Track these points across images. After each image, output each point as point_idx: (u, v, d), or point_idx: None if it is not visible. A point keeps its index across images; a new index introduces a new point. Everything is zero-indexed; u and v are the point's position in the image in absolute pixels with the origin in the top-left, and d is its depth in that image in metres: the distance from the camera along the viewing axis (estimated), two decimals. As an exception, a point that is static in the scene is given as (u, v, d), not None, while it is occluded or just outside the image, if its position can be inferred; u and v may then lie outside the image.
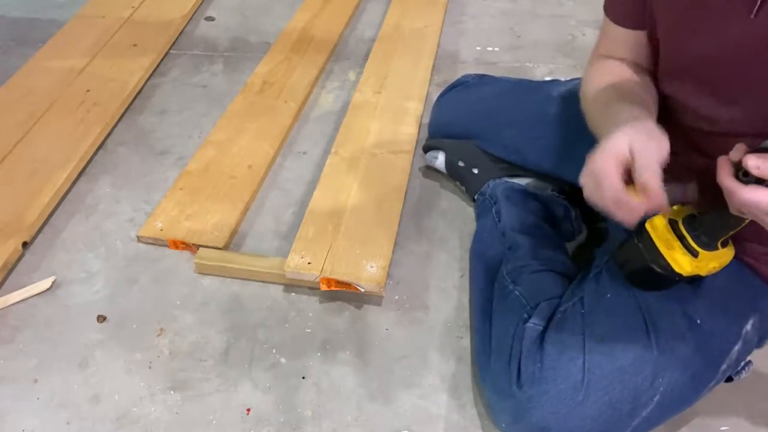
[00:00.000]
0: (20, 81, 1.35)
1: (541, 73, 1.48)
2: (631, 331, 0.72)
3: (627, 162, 0.59)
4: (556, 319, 0.76)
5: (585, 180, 0.62)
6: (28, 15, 1.68)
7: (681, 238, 0.67)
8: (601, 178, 0.59)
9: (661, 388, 0.69)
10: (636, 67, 0.78)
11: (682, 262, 0.67)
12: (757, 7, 0.59)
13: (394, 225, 1.03)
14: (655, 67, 0.77)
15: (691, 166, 0.68)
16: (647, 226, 0.70)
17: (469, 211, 1.11)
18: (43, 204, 1.06)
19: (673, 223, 0.69)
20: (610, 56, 0.80)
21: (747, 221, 0.61)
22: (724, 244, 0.68)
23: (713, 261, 0.67)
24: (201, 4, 1.73)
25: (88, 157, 1.20)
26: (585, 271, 0.85)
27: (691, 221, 0.68)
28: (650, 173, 0.57)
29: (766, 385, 0.85)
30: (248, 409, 0.82)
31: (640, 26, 0.75)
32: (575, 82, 1.02)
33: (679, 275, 0.68)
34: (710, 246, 0.67)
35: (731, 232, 0.65)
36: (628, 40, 0.77)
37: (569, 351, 0.72)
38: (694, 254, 0.67)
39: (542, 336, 0.75)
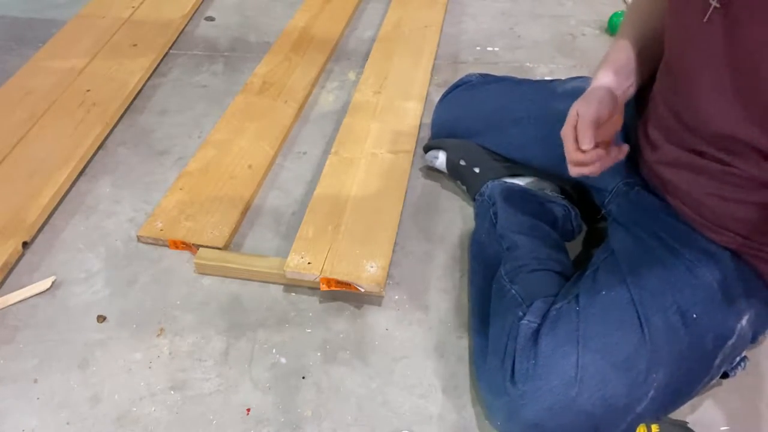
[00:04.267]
0: (20, 81, 1.35)
1: (541, 73, 1.48)
2: (625, 326, 0.72)
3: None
4: (551, 317, 0.76)
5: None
6: (28, 15, 1.68)
7: None
8: (563, 141, 0.75)
9: (656, 384, 0.69)
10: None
11: None
12: (709, 12, 0.64)
13: (394, 225, 1.03)
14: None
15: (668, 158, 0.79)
16: None
17: (470, 211, 1.11)
18: (43, 204, 1.06)
19: None
20: None
21: None
22: None
23: None
24: (201, 4, 1.73)
25: (88, 157, 1.20)
26: (582, 269, 0.85)
27: None
28: (583, 128, 0.72)
29: (766, 385, 0.85)
30: (248, 409, 0.82)
31: None
32: (579, 80, 1.02)
33: None
34: None
35: None
36: None
37: (563, 347, 0.72)
38: None
39: (537, 333, 0.75)
